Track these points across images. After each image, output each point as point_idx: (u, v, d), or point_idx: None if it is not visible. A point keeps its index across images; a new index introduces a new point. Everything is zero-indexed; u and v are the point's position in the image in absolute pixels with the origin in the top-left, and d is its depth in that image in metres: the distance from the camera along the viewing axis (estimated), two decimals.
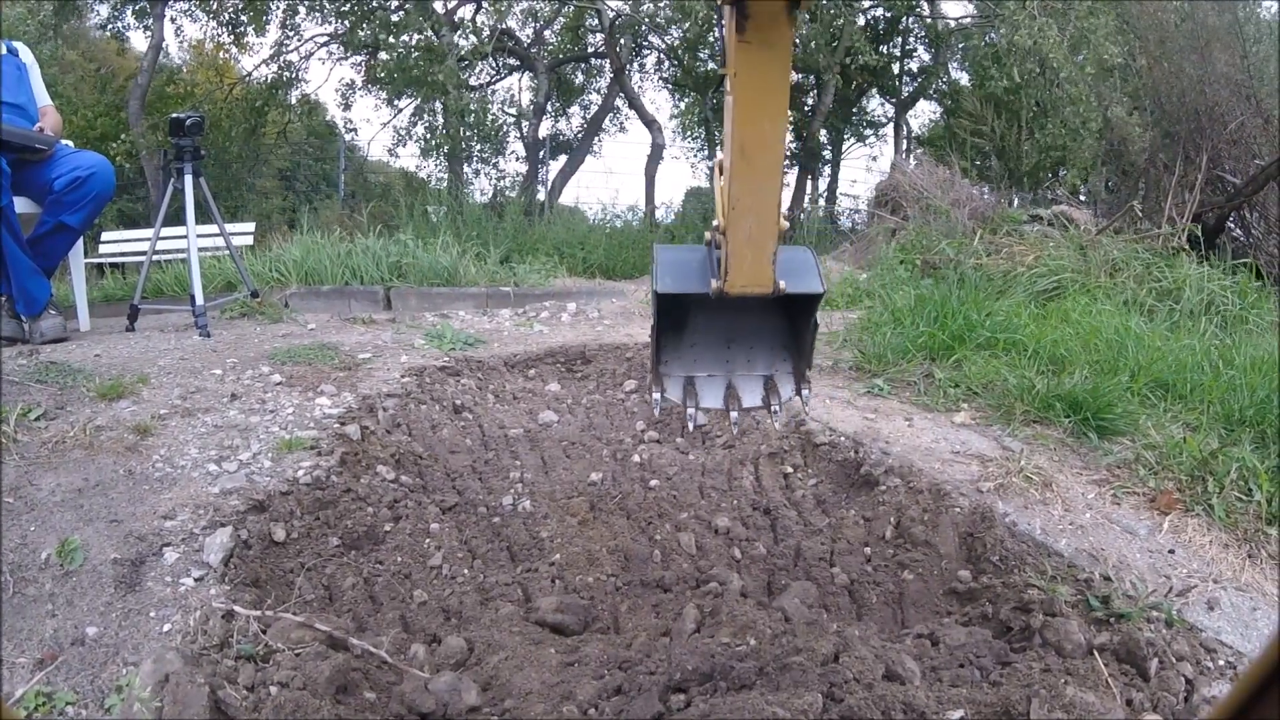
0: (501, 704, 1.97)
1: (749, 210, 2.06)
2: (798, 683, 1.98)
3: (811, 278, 2.32)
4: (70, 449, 2.99)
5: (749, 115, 1.97)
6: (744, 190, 2.04)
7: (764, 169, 2.02)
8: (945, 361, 4.39)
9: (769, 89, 1.94)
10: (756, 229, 2.08)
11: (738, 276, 2.14)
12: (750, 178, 2.02)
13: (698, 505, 3.21)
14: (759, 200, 2.05)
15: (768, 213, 2.08)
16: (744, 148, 1.98)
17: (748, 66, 1.91)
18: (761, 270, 2.14)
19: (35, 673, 2.00)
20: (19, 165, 4.67)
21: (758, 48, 1.87)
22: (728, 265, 2.15)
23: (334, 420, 3.48)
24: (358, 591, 2.53)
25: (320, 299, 6.66)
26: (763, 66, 1.91)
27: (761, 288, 2.18)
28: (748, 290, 2.18)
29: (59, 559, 2.39)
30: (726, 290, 2.18)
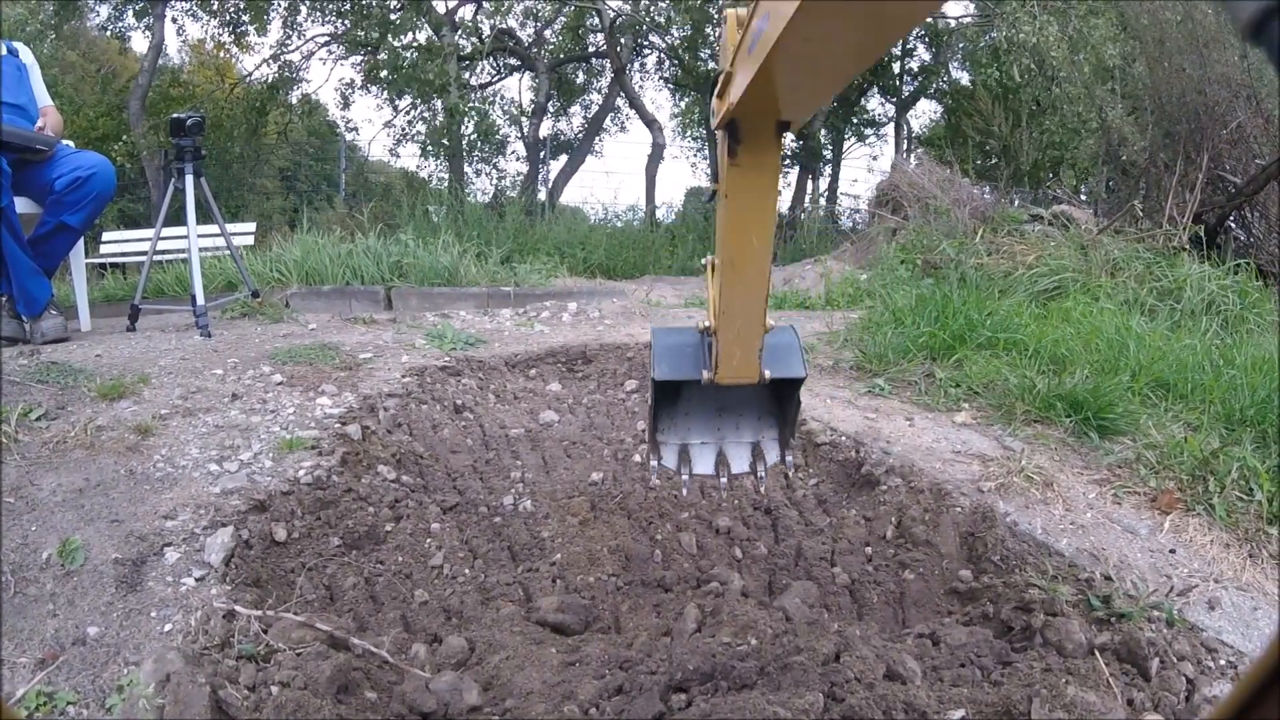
0: (503, 704, 1.97)
1: (737, 314, 2.27)
2: (799, 682, 1.98)
3: (794, 362, 2.50)
4: (71, 449, 2.99)
5: (739, 231, 2.15)
6: (733, 297, 2.25)
7: (751, 279, 2.21)
8: (946, 361, 4.39)
9: (758, 208, 2.11)
10: (744, 329, 2.31)
11: (727, 370, 2.38)
12: (739, 286, 2.22)
13: (699, 505, 3.21)
14: (746, 305, 2.26)
15: (754, 315, 2.28)
16: (733, 260, 2.18)
17: (739, 188, 2.07)
18: (748, 364, 2.38)
19: (36, 672, 2.00)
20: (20, 165, 4.67)
21: (748, 169, 2.03)
22: (718, 360, 2.38)
23: (335, 420, 3.48)
24: (359, 591, 2.53)
25: (321, 299, 6.66)
26: (753, 187, 2.07)
27: (748, 378, 2.41)
28: (736, 381, 2.41)
29: (60, 559, 2.39)
30: (717, 380, 2.41)
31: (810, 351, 4.72)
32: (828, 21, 1.27)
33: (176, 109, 15.27)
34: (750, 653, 2.16)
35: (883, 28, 1.34)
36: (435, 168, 19.63)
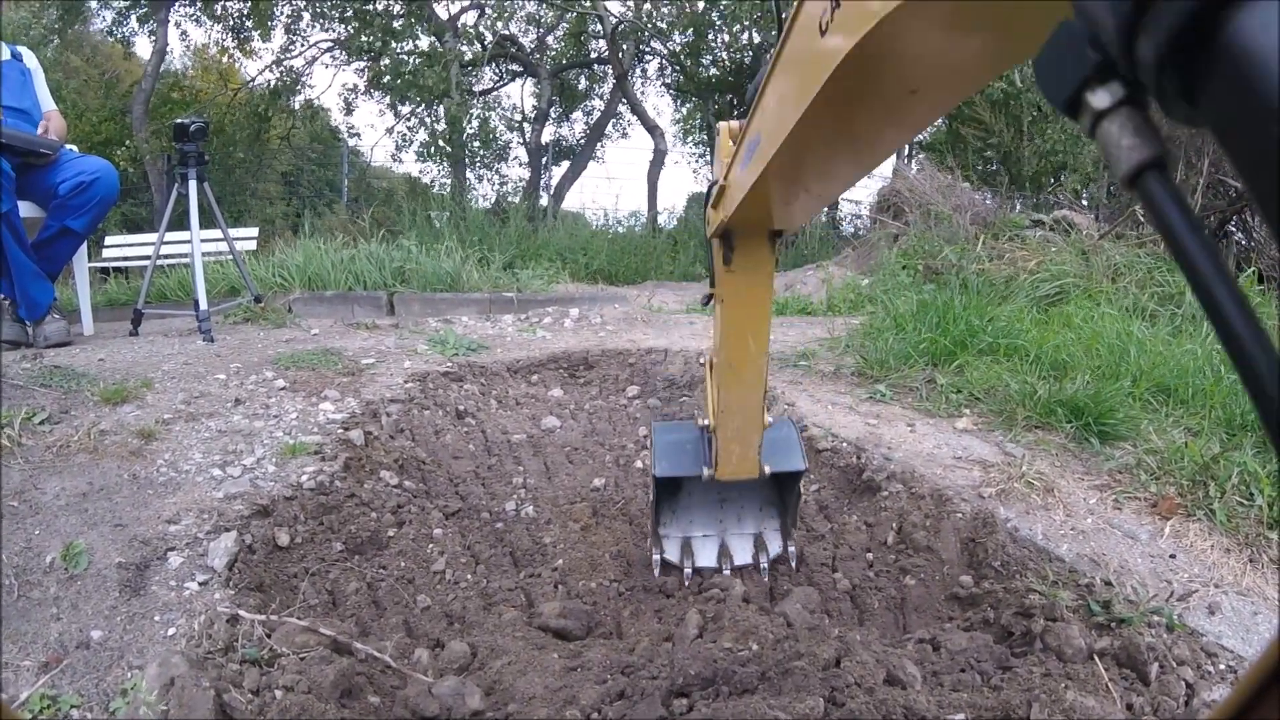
0: (505, 708, 1.98)
1: (735, 413, 2.38)
2: (799, 687, 1.99)
3: (794, 456, 2.62)
4: (74, 453, 3.00)
5: (736, 334, 2.24)
6: (731, 398, 2.35)
7: (749, 380, 2.31)
8: (947, 367, 4.39)
9: (754, 312, 2.22)
10: (743, 427, 2.42)
11: (726, 467, 2.48)
12: (737, 388, 2.32)
13: None
14: (744, 404, 2.36)
15: (752, 413, 2.39)
16: (731, 363, 2.27)
17: (734, 293, 2.18)
18: (747, 461, 2.48)
19: (40, 676, 2.01)
20: (23, 170, 4.69)
21: (743, 274, 2.12)
22: (718, 457, 2.47)
23: (337, 425, 3.49)
24: (361, 596, 2.54)
25: (323, 304, 6.67)
26: (748, 292, 2.17)
27: (748, 474, 2.51)
28: (736, 477, 2.50)
29: (63, 563, 2.39)
30: (717, 477, 2.51)
31: (812, 357, 4.72)
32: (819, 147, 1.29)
33: (180, 114, 15.34)
34: (751, 658, 2.17)
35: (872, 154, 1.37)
36: (438, 173, 19.69)
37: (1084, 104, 0.52)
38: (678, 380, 4.34)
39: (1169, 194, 0.48)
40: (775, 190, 1.62)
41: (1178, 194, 0.47)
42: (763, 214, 1.88)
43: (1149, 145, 0.49)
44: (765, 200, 1.70)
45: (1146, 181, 0.48)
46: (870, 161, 1.41)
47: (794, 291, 8.00)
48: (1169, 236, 0.46)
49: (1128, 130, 0.50)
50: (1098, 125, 0.51)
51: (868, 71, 0.98)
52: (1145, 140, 0.49)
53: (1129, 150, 0.49)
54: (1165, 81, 0.46)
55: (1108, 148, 0.50)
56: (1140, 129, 0.49)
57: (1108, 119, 0.51)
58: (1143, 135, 0.49)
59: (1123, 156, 0.49)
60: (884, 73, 0.99)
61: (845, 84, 1.02)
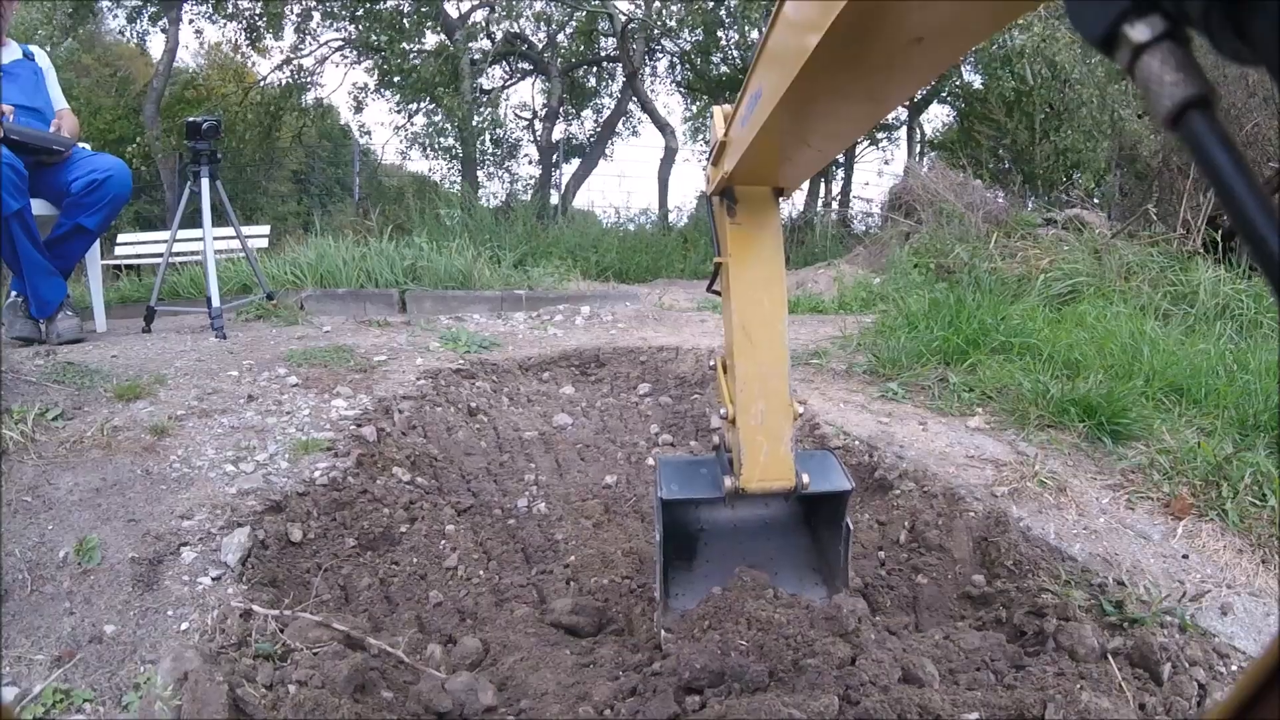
0: (517, 704, 1.98)
1: (758, 394, 2.01)
2: (813, 684, 1.98)
3: (836, 475, 2.18)
4: (88, 449, 3.01)
5: (748, 295, 1.99)
6: (750, 372, 2.00)
7: (769, 348, 2.00)
8: (960, 366, 4.38)
9: (765, 270, 1.99)
10: (769, 413, 2.01)
11: (753, 470, 2.02)
12: (755, 357, 2.00)
13: None
14: (767, 382, 2.01)
15: (778, 395, 2.01)
16: (746, 327, 1.99)
17: (742, 249, 1.97)
18: (780, 461, 2.03)
19: (53, 670, 2.02)
20: (36, 167, 4.70)
21: (749, 228, 1.96)
22: (742, 458, 2.02)
23: (350, 422, 3.50)
24: (374, 592, 2.54)
25: (335, 301, 6.68)
26: (757, 245, 1.97)
27: (782, 481, 2.04)
28: (767, 485, 2.03)
29: (77, 557, 2.40)
30: (743, 487, 2.02)
31: (823, 356, 4.72)
32: (821, 98, 1.27)
33: (192, 112, 15.39)
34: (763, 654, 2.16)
35: (876, 106, 1.34)
36: (447, 171, 19.72)
37: (1121, 38, 0.49)
38: (689, 378, 4.34)
39: (1215, 134, 0.45)
40: (777, 143, 1.58)
41: (1225, 134, 0.45)
42: (765, 169, 1.83)
43: (1193, 82, 0.46)
44: (767, 154, 1.66)
45: (1190, 121, 0.46)
46: (875, 113, 1.37)
47: (805, 290, 7.98)
48: (1217, 180, 0.43)
49: (1169, 66, 0.47)
50: (1136, 61, 0.48)
51: (868, 21, 0.97)
52: (1188, 77, 0.46)
53: (1171, 87, 0.47)
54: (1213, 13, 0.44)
55: (1147, 85, 0.48)
56: (1183, 64, 0.47)
57: (1147, 54, 0.48)
58: (1186, 71, 0.47)
59: (1164, 94, 0.47)
60: (885, 21, 0.98)
61: (846, 34, 1.00)
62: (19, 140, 4.53)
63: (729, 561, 2.34)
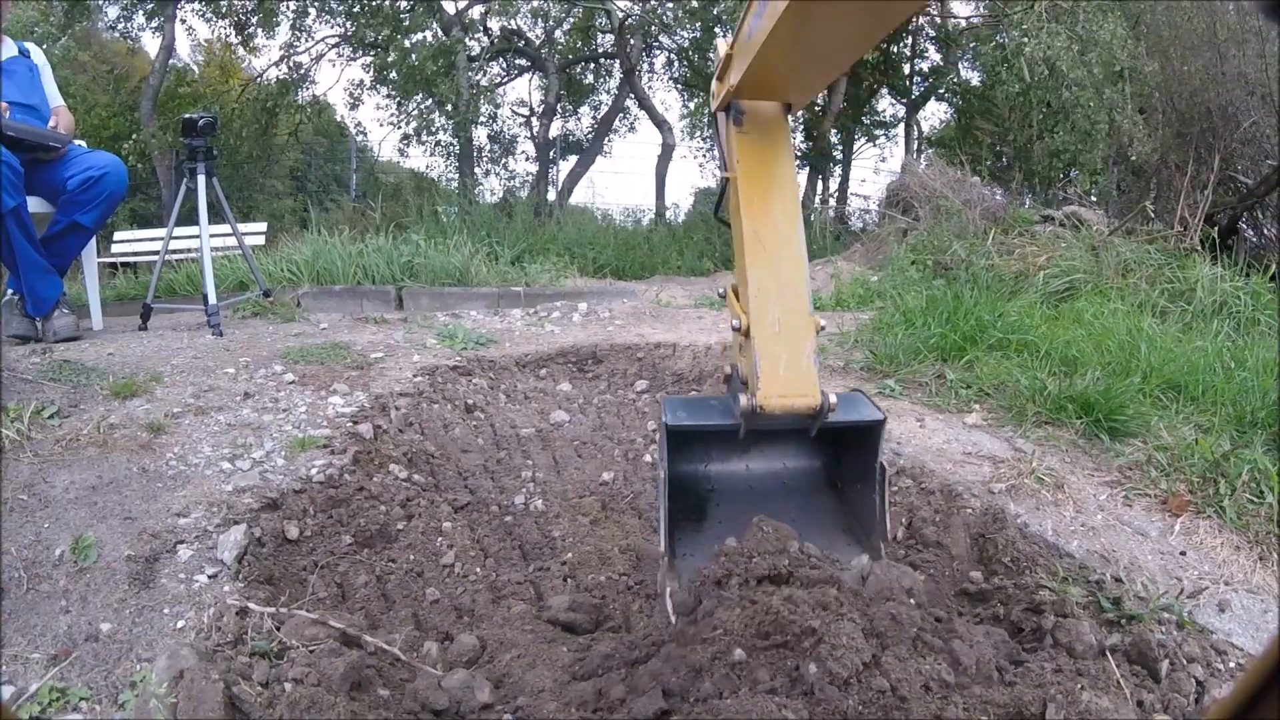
0: (514, 701, 1.98)
1: (774, 300, 1.81)
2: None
3: (865, 407, 1.98)
4: (84, 446, 3.00)
5: (759, 204, 1.85)
6: (765, 277, 1.82)
7: (784, 253, 1.85)
8: (957, 362, 4.39)
9: (776, 176, 1.87)
10: (787, 322, 1.81)
11: (772, 384, 1.79)
12: (770, 262, 1.83)
13: None
14: (784, 288, 1.83)
15: (797, 303, 1.83)
16: (758, 231, 1.84)
17: (750, 155, 1.86)
18: (801, 375, 1.81)
19: (49, 668, 2.01)
20: (32, 165, 4.69)
21: (757, 136, 1.86)
22: (758, 372, 1.79)
23: (347, 419, 3.49)
24: (370, 589, 2.54)
25: (332, 298, 6.67)
26: (767, 153, 1.86)
27: (805, 398, 1.81)
28: (788, 403, 1.80)
29: (73, 555, 2.40)
30: (761, 405, 1.78)
31: (821, 352, 4.71)
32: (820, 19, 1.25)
33: (188, 109, 15.33)
34: None
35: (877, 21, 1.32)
36: (444, 168, 19.70)
37: None
38: (686, 375, 4.34)
39: None
40: (784, 51, 1.53)
41: None
42: (773, 81, 1.76)
43: None
44: (774, 64, 1.60)
45: None
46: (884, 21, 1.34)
47: None
48: None
49: None
50: None
51: None
52: None
53: None
54: None
55: None
56: None
57: None
58: None
59: None
60: None
61: None
62: (15, 137, 4.52)
63: (743, 520, 2.10)
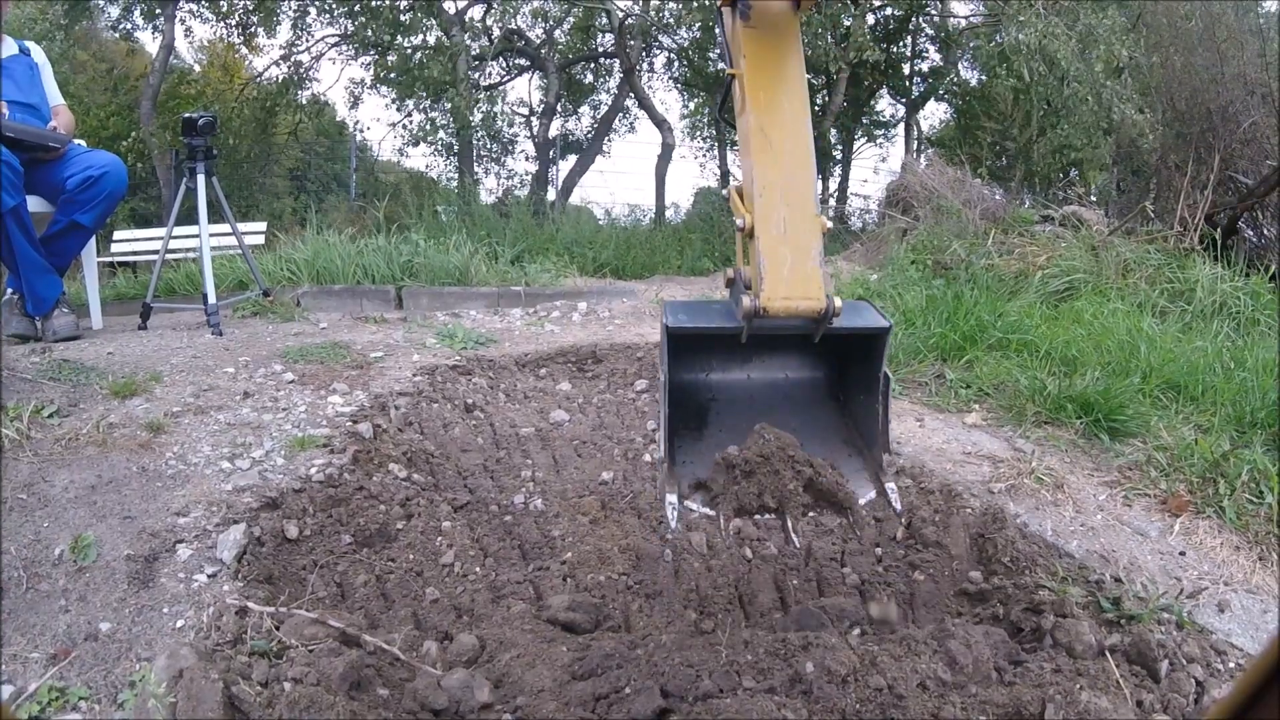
0: (513, 701, 1.98)
1: (780, 200, 1.76)
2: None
3: (871, 315, 1.97)
4: (83, 446, 3.01)
5: (766, 97, 1.79)
6: (772, 176, 1.77)
7: (792, 152, 1.79)
8: (957, 362, 4.39)
9: (784, 72, 1.81)
10: (792, 221, 1.77)
11: (776, 285, 1.78)
12: (777, 162, 1.77)
13: None
14: (790, 188, 1.77)
15: (803, 203, 1.78)
16: (765, 130, 1.78)
17: (758, 50, 1.80)
18: (806, 277, 1.80)
19: (49, 668, 2.02)
20: (32, 164, 4.70)
21: (765, 29, 1.80)
22: (762, 273, 1.78)
23: (346, 418, 3.50)
24: (370, 589, 2.54)
25: (332, 298, 6.67)
26: (775, 49, 1.80)
27: (809, 300, 1.82)
28: (792, 305, 1.80)
29: (72, 555, 2.40)
30: (765, 307, 1.78)
31: None
32: None
33: (187, 108, 15.33)
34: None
35: None
36: (444, 168, 19.69)
37: None
38: None
39: None
40: None
41: None
42: None
43: None
44: None
45: None
46: None
47: None
48: None
49: None
50: None
51: None
52: None
53: None
54: None
55: None
56: None
57: None
58: None
59: None
60: None
61: None
62: (14, 137, 4.53)
63: (743, 429, 2.12)
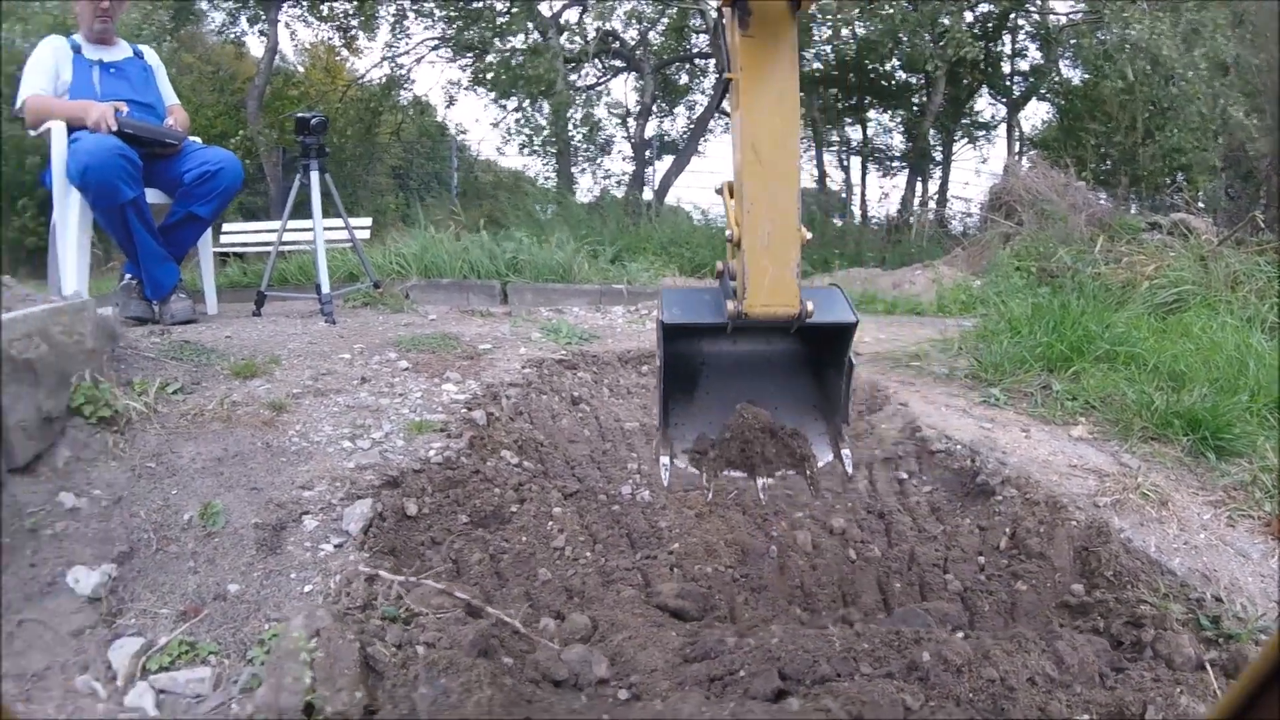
0: (628, 678, 2.03)
1: (765, 214, 1.93)
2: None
3: (842, 309, 2.12)
4: (208, 421, 3.13)
5: (759, 111, 1.90)
6: (758, 191, 1.92)
7: (778, 168, 1.92)
8: (1063, 373, 4.32)
9: (778, 84, 1.90)
10: (775, 235, 1.93)
11: (757, 294, 1.95)
12: (763, 176, 1.92)
13: (812, 505, 3.21)
14: (775, 203, 1.93)
15: (786, 217, 1.94)
16: (755, 145, 1.90)
17: (754, 60, 1.88)
18: (785, 287, 1.96)
19: (178, 624, 2.13)
20: (150, 159, 4.95)
21: (762, 40, 1.87)
22: (745, 282, 1.95)
23: (461, 406, 3.58)
24: (484, 566, 2.61)
25: (440, 291, 6.83)
26: (770, 60, 1.89)
27: (786, 308, 1.98)
28: (770, 311, 1.98)
29: (201, 521, 2.52)
30: (746, 311, 1.96)
31: (924, 358, 4.68)
32: None
33: (292, 109, 15.79)
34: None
35: None
36: (542, 167, 19.90)
37: None
38: None
39: None
40: None
41: None
42: None
43: None
44: None
45: None
46: None
47: (902, 291, 7.88)
48: None
49: None
50: None
51: None
52: None
53: None
54: None
55: None
56: None
57: None
58: None
59: None
60: None
61: None
62: (133, 133, 4.76)
63: (729, 395, 2.34)
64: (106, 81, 5.10)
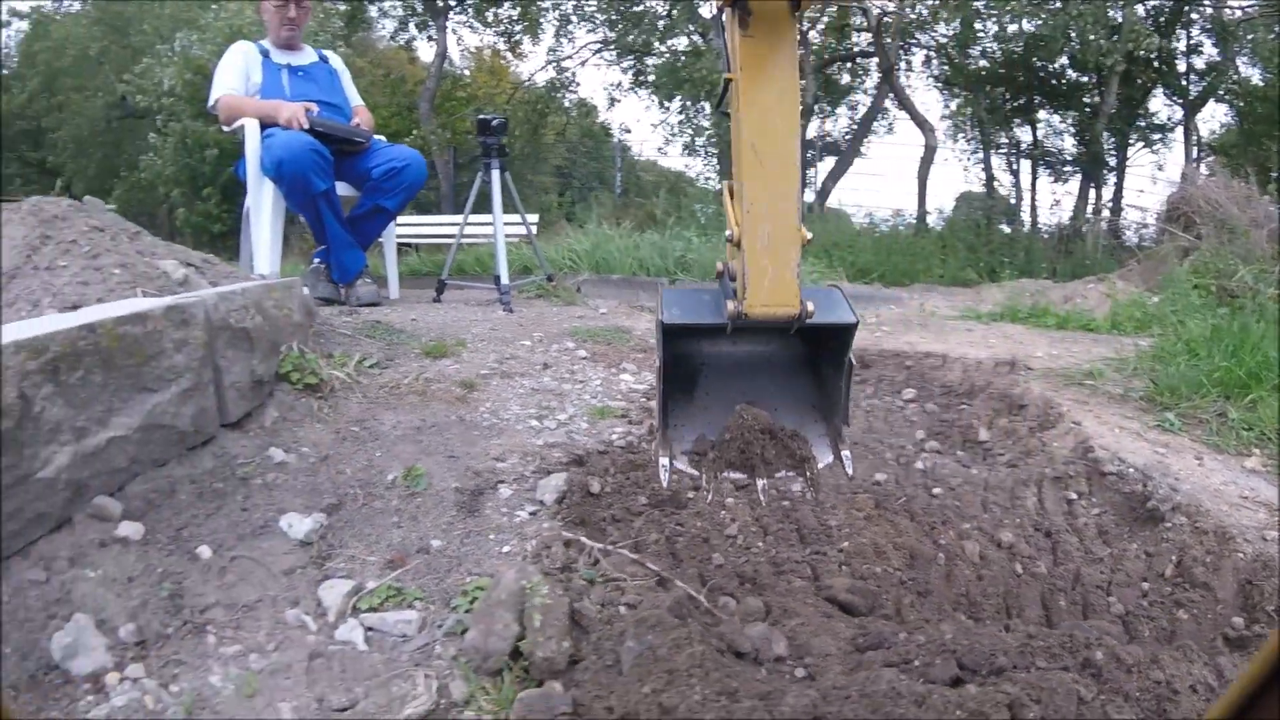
0: (803, 659, 2.12)
1: (765, 215, 1.93)
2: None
3: (842, 309, 2.14)
4: (405, 394, 3.38)
5: (759, 112, 1.92)
6: (758, 191, 1.93)
7: (778, 168, 1.93)
8: (1240, 400, 4.18)
9: (778, 85, 1.91)
10: (775, 235, 1.94)
11: (757, 295, 1.96)
12: (764, 177, 1.93)
13: (980, 518, 3.23)
14: (775, 203, 1.94)
15: (786, 218, 1.95)
16: (755, 145, 1.91)
17: (754, 61, 1.89)
18: (785, 287, 1.97)
19: (385, 571, 2.32)
20: (339, 155, 5.33)
21: (763, 40, 1.88)
22: (745, 282, 1.96)
23: (639, 394, 3.75)
24: (661, 546, 2.71)
25: (610, 286, 7.02)
26: (769, 61, 1.90)
27: (786, 308, 1.99)
28: (770, 312, 1.98)
29: (404, 481, 2.74)
30: (746, 312, 1.97)
31: (1098, 376, 4.60)
32: None
33: (460, 110, 16.36)
34: None
35: None
36: (703, 168, 20.03)
37: None
38: (956, 388, 4.32)
39: None
40: None
41: None
42: None
43: None
44: None
45: None
46: None
47: (1074, 305, 7.62)
48: None
49: None
50: None
51: None
52: None
53: None
54: None
55: None
56: None
57: None
58: None
59: None
60: None
61: None
62: (324, 131, 5.12)
63: (729, 396, 2.36)
64: (295, 84, 5.52)
